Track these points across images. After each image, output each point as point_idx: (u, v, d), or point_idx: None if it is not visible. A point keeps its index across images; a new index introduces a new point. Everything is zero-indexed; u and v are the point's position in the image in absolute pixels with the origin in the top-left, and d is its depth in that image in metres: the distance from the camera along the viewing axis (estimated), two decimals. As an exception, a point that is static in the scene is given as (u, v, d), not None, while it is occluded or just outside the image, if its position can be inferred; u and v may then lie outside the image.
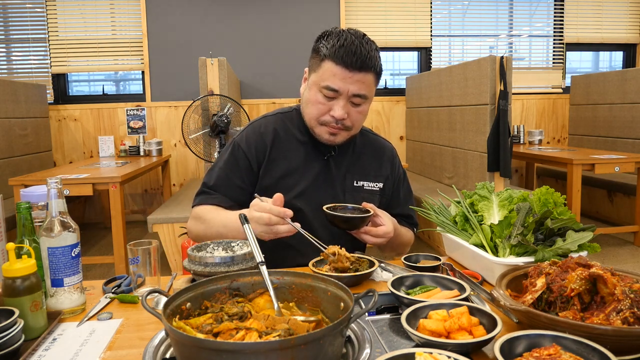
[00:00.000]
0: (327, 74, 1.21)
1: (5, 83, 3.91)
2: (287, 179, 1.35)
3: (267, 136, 1.37)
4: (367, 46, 1.21)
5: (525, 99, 5.22)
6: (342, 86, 1.20)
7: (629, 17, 5.31)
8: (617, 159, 3.51)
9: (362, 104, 1.26)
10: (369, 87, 1.24)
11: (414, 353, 0.68)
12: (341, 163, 1.39)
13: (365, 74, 1.21)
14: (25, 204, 0.99)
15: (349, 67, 1.19)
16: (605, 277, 0.81)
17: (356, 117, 1.27)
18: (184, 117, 3.12)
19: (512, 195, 1.22)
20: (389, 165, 1.47)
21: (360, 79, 1.21)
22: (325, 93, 1.23)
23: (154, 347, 0.77)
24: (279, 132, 1.38)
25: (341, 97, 1.23)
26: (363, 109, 1.27)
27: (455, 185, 1.60)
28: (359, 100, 1.24)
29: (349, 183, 1.39)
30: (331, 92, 1.22)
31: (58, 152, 4.76)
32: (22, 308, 0.85)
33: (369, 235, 1.24)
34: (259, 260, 0.92)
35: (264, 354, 0.62)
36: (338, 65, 1.19)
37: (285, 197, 1.28)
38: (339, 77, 1.20)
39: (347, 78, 1.20)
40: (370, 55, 1.21)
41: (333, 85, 1.21)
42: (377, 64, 1.23)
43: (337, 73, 1.20)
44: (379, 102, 5.04)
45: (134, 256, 1.04)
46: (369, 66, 1.20)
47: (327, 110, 1.25)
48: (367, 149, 1.45)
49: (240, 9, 4.75)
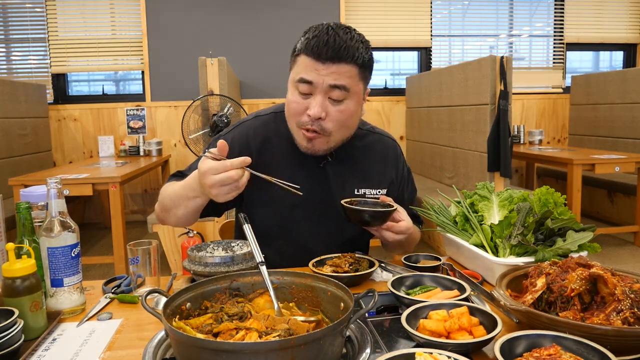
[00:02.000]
0: (300, 68, 1.11)
1: (5, 83, 3.91)
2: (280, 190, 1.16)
3: (254, 141, 1.26)
4: (345, 36, 1.09)
5: (525, 99, 5.22)
6: (316, 78, 1.09)
7: (629, 17, 5.31)
8: (618, 159, 3.51)
9: (343, 101, 1.12)
10: (349, 79, 1.10)
11: (414, 353, 0.68)
12: (339, 170, 1.28)
13: (341, 64, 1.08)
14: (25, 204, 0.99)
15: (321, 58, 1.08)
16: (605, 277, 0.81)
17: (336, 117, 1.13)
18: (184, 117, 3.12)
19: (512, 195, 1.22)
20: (394, 168, 1.36)
21: (336, 70, 1.08)
22: (301, 89, 1.12)
23: (154, 347, 0.77)
24: (270, 136, 1.27)
25: (317, 92, 1.10)
26: (345, 107, 1.12)
27: (456, 185, 1.60)
28: (337, 94, 1.10)
29: (349, 191, 1.27)
30: (306, 86, 1.10)
31: (58, 152, 4.76)
32: (22, 308, 0.85)
33: (390, 231, 1.14)
34: (259, 260, 0.92)
35: (264, 354, 0.62)
36: (310, 57, 1.09)
37: (278, 210, 1.25)
38: (312, 68, 1.09)
39: (320, 69, 1.08)
40: (348, 45, 1.08)
41: (306, 77, 1.09)
42: (356, 54, 1.09)
43: (309, 64, 1.09)
44: (379, 102, 5.04)
45: (133, 256, 1.04)
46: (344, 56, 1.08)
47: (304, 110, 1.13)
48: (369, 153, 1.32)
49: (240, 9, 4.75)
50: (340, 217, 1.19)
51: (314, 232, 1.27)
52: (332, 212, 1.25)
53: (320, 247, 1.24)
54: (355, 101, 1.14)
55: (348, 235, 1.30)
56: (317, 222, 1.27)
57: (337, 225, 1.28)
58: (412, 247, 1.36)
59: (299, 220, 1.26)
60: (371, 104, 5.01)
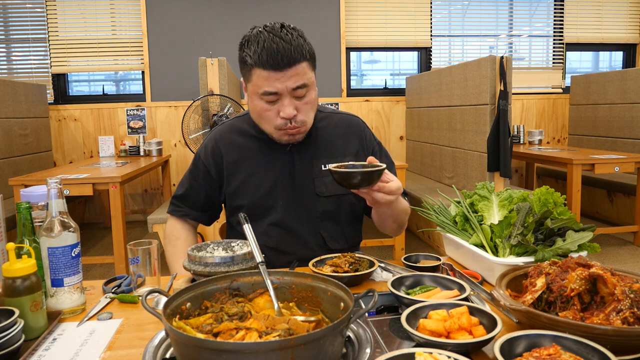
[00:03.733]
0: (260, 81, 1.19)
1: (6, 83, 3.91)
2: (253, 179, 1.36)
3: (222, 142, 1.39)
4: (288, 38, 1.16)
5: (525, 99, 5.22)
6: (279, 86, 1.18)
7: (629, 17, 5.31)
8: (617, 159, 3.51)
9: (306, 94, 1.23)
10: (306, 75, 1.20)
11: (414, 353, 0.68)
12: (305, 151, 1.37)
13: (296, 66, 1.17)
14: (25, 204, 0.99)
15: (279, 68, 1.16)
16: (605, 277, 0.81)
17: (305, 109, 1.24)
18: (184, 117, 3.12)
19: (512, 195, 1.22)
20: (357, 140, 1.42)
21: (294, 72, 1.17)
22: (267, 99, 1.21)
23: (154, 347, 0.77)
24: (235, 136, 1.40)
25: (283, 97, 1.20)
26: (309, 98, 1.24)
27: (455, 185, 1.60)
28: (300, 92, 1.21)
29: (317, 169, 1.36)
30: (271, 96, 1.20)
31: (58, 152, 4.76)
32: (22, 308, 0.85)
33: (382, 192, 1.13)
34: (259, 260, 0.92)
35: (264, 354, 0.62)
36: (267, 70, 1.17)
37: (255, 197, 1.36)
38: (273, 79, 1.17)
39: (280, 78, 1.17)
40: (294, 46, 1.16)
41: (270, 89, 1.19)
42: (304, 52, 1.18)
43: (269, 77, 1.17)
44: (379, 102, 5.04)
45: (134, 256, 1.04)
46: (296, 59, 1.17)
47: (276, 114, 1.23)
48: (330, 130, 1.41)
49: (240, 9, 4.75)
50: (311, 194, 1.35)
51: (289, 210, 1.36)
52: (303, 191, 1.36)
53: (298, 223, 1.36)
54: (313, 89, 1.26)
55: (321, 209, 1.37)
56: (292, 202, 1.36)
57: (309, 202, 1.36)
58: (404, 218, 1.38)
59: (276, 201, 1.36)
60: (371, 103, 5.01)
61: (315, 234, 1.37)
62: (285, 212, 1.36)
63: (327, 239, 1.37)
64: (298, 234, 1.36)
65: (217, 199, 1.44)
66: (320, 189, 1.35)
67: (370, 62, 5.35)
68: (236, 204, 1.39)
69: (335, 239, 1.39)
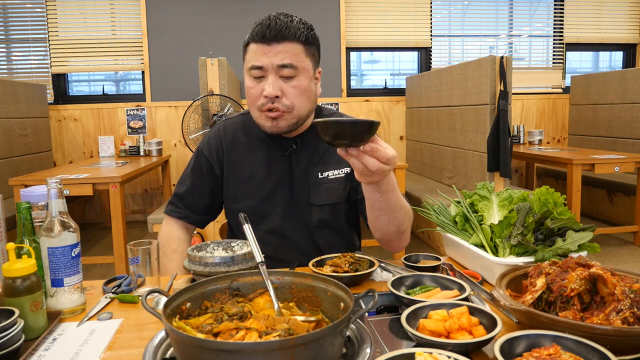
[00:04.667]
0: (250, 55, 1.20)
1: (5, 83, 3.91)
2: (251, 182, 1.34)
3: (226, 138, 1.37)
4: (286, 19, 1.19)
5: (525, 99, 5.22)
6: (265, 60, 1.17)
7: (629, 17, 5.31)
8: (617, 159, 3.51)
9: (294, 77, 1.20)
10: (295, 57, 1.19)
11: (414, 353, 0.68)
12: (303, 157, 1.33)
13: (285, 43, 1.17)
14: (25, 204, 0.99)
15: (265, 41, 1.17)
16: (605, 277, 0.81)
17: (291, 93, 1.20)
18: (184, 117, 3.12)
19: (512, 195, 1.22)
20: None
21: (282, 49, 1.17)
22: (253, 74, 1.20)
23: (154, 347, 0.77)
24: (239, 133, 1.37)
25: (268, 73, 1.19)
26: (298, 83, 1.20)
27: (455, 185, 1.60)
28: (287, 71, 1.18)
29: (313, 177, 1.33)
30: (257, 71, 1.19)
31: (58, 152, 4.76)
32: (22, 308, 0.85)
33: (374, 157, 0.93)
34: (259, 260, 0.92)
35: (264, 354, 0.62)
36: (256, 43, 1.18)
37: (252, 202, 1.33)
38: (259, 52, 1.18)
39: (267, 52, 1.17)
40: (289, 25, 1.18)
41: (256, 63, 1.18)
42: (298, 33, 1.19)
43: (257, 50, 1.18)
44: (379, 102, 5.04)
45: (134, 256, 1.04)
46: (286, 35, 1.17)
47: (260, 92, 1.20)
48: None
49: (240, 9, 4.75)
50: (306, 203, 1.31)
51: (286, 218, 1.33)
52: (300, 199, 1.33)
53: (294, 230, 1.33)
54: (305, 77, 1.21)
55: (317, 218, 1.34)
56: (289, 210, 1.33)
57: (305, 211, 1.33)
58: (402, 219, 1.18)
59: (275, 208, 1.34)
60: (371, 103, 5.01)
61: (313, 243, 1.35)
62: (282, 220, 1.33)
63: (324, 248, 1.35)
64: (295, 242, 1.34)
65: (219, 198, 1.42)
66: (314, 198, 1.33)
67: (370, 62, 5.35)
68: (235, 207, 1.37)
69: (331, 248, 1.35)
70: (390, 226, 1.19)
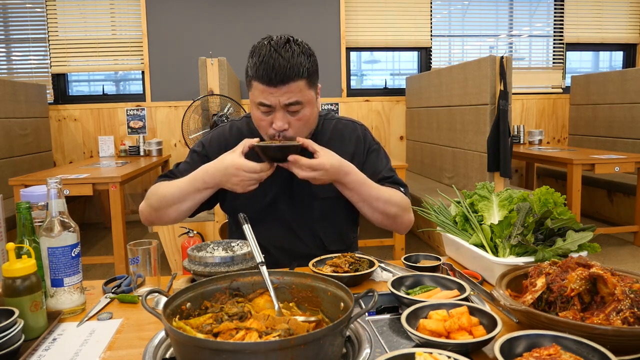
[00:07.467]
0: (256, 93, 1.24)
1: (5, 83, 3.91)
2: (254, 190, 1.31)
3: (232, 137, 1.39)
4: (287, 55, 1.20)
5: (525, 99, 5.22)
6: (273, 100, 1.22)
7: (629, 17, 5.31)
8: (617, 159, 3.51)
9: (300, 111, 1.26)
10: (300, 93, 1.23)
11: (414, 353, 0.68)
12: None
13: (290, 84, 1.20)
14: (25, 204, 0.99)
15: (272, 83, 1.20)
16: (605, 277, 0.81)
17: (297, 125, 1.27)
18: (184, 117, 3.12)
19: (512, 195, 1.22)
20: (354, 143, 1.42)
21: (287, 90, 1.21)
22: (262, 109, 1.25)
23: (154, 347, 0.77)
24: (245, 135, 1.38)
25: (276, 110, 1.24)
26: (303, 115, 1.27)
27: (455, 185, 1.60)
28: (294, 108, 1.24)
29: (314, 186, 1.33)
30: (266, 108, 1.24)
31: (58, 152, 4.76)
32: (22, 308, 0.85)
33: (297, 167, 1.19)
34: (259, 260, 0.92)
35: (264, 354, 0.62)
36: (262, 84, 1.21)
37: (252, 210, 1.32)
38: (267, 93, 1.21)
39: (274, 93, 1.21)
40: (292, 64, 1.19)
41: (264, 101, 1.23)
42: (301, 71, 1.21)
43: (263, 90, 1.22)
44: (379, 102, 5.04)
45: (134, 256, 1.04)
46: (291, 77, 1.20)
47: (269, 125, 1.26)
48: (330, 137, 1.41)
49: (240, 9, 4.75)
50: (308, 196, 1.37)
51: (287, 230, 1.39)
52: (302, 195, 1.38)
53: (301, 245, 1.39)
54: (309, 106, 1.28)
55: (318, 214, 1.39)
56: (292, 206, 1.38)
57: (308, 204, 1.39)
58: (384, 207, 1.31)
59: (272, 219, 1.39)
60: (371, 103, 5.01)
61: (315, 236, 1.39)
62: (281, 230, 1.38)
63: (326, 241, 1.39)
64: (294, 233, 1.38)
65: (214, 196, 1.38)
66: (315, 189, 1.35)
67: (370, 62, 5.35)
68: (235, 204, 1.38)
69: (333, 240, 1.40)
70: (375, 214, 1.33)
